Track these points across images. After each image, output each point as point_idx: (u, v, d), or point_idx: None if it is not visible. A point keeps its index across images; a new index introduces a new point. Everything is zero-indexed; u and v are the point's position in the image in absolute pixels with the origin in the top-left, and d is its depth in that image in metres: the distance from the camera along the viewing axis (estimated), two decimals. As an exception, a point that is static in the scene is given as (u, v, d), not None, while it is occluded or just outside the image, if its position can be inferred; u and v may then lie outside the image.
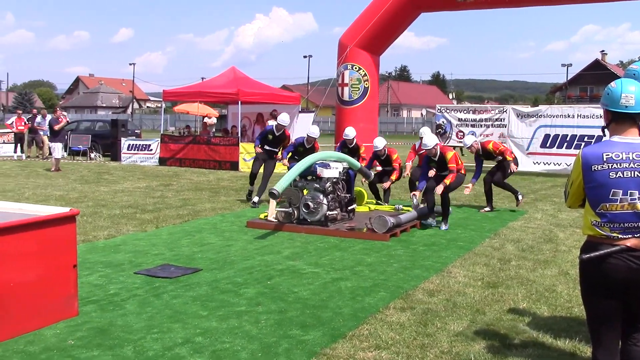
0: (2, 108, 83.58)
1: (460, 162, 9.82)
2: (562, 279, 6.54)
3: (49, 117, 21.61)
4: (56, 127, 18.92)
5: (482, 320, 5.18)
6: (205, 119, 26.50)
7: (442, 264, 7.18)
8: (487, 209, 11.51)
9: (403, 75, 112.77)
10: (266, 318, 5.15)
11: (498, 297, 5.83)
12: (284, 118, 11.96)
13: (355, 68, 19.44)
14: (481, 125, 20.89)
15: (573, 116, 19.25)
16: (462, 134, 21.16)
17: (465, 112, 21.53)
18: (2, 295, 4.49)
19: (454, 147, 26.30)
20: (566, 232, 9.29)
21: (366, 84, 19.47)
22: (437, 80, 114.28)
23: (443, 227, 9.39)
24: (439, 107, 22.15)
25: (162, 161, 21.17)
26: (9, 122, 25.56)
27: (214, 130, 25.81)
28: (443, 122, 21.54)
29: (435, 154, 9.58)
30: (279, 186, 8.59)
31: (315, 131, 11.75)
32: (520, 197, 11.60)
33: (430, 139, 9.52)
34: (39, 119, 23.80)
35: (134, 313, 5.23)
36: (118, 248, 7.72)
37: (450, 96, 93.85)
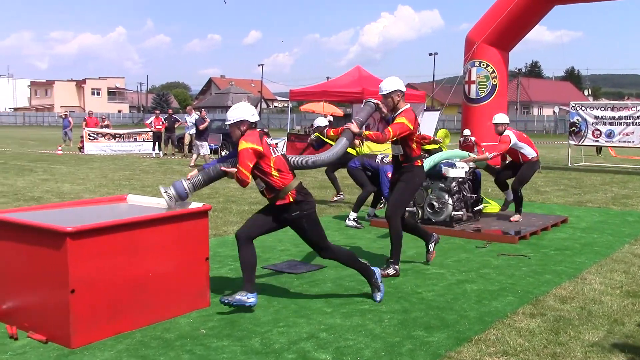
0: (142, 108, 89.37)
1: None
2: None
3: (194, 114, 22.99)
4: (200, 127, 20.23)
5: (621, 331, 4.85)
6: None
7: (575, 269, 6.80)
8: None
9: (534, 71, 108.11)
10: (390, 317, 5.13)
11: (639, 308, 5.43)
12: None
13: (483, 65, 18.89)
14: (620, 124, 19.58)
15: None
16: (598, 132, 19.96)
17: (602, 109, 20.26)
18: (142, 285, 4.80)
19: (599, 149, 24.80)
20: None
21: (494, 81, 18.87)
22: (572, 76, 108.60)
23: (377, 297, 5.60)
24: (573, 104, 21.00)
25: (289, 159, 21.69)
26: (148, 121, 27.29)
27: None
28: (578, 120, 20.42)
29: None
30: None
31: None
32: (431, 246, 7.00)
33: None
34: (187, 117, 25.30)
35: (261, 306, 5.39)
36: (247, 243, 7.98)
37: (586, 92, 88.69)
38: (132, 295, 4.74)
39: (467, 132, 18.37)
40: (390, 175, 9.07)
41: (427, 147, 12.44)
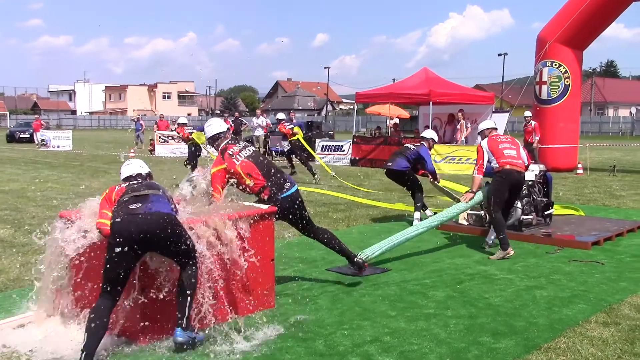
0: (210, 112, 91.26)
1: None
2: None
3: (261, 118, 23.72)
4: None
5: (702, 343, 4.60)
6: (388, 121, 26.96)
7: (653, 277, 6.51)
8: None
9: (609, 70, 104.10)
10: (455, 322, 5.04)
11: None
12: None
13: (555, 65, 18.35)
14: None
15: None
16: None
17: (683, 109, 19.30)
18: (210, 284, 4.88)
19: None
20: None
21: (567, 82, 18.30)
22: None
23: None
24: (652, 105, 20.10)
25: (354, 162, 21.68)
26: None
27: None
28: (656, 121, 19.53)
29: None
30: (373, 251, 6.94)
31: None
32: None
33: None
34: (254, 119, 25.95)
35: (325, 308, 5.41)
36: (312, 245, 8.01)
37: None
38: (200, 295, 4.82)
39: (527, 113, 18.52)
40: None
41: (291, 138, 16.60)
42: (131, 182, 4.84)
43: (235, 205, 5.50)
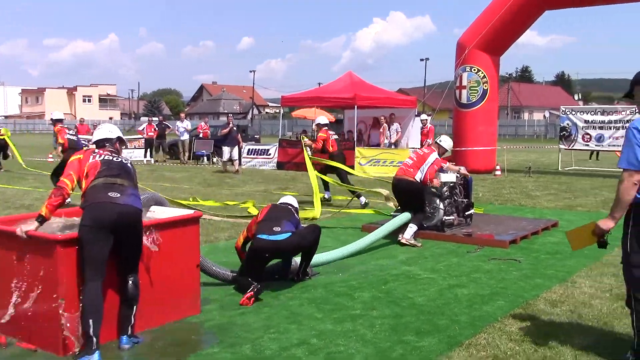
0: (133, 115, 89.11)
1: None
2: (702, 294, 6.00)
3: (186, 122, 23.70)
4: (222, 132, 21.23)
5: (611, 334, 4.88)
6: (314, 125, 27.24)
7: (566, 273, 6.83)
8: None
9: (524, 75, 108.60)
10: (381, 323, 5.13)
11: (628, 311, 5.44)
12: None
13: (474, 70, 18.97)
14: (610, 127, 19.67)
15: None
16: (588, 136, 20.06)
17: (592, 113, 20.34)
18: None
19: (596, 154, 24.68)
20: None
21: (485, 86, 18.95)
22: (562, 81, 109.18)
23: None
24: (564, 109, 21.11)
25: (280, 165, 21.67)
26: (140, 128, 27.26)
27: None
28: (568, 124, 20.52)
29: None
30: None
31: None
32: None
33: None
34: (178, 123, 25.70)
35: (252, 313, 5.39)
36: (238, 249, 7.97)
37: (576, 97, 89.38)
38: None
39: (424, 117, 19.98)
40: None
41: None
42: (106, 159, 4.74)
43: (160, 209, 5.42)
